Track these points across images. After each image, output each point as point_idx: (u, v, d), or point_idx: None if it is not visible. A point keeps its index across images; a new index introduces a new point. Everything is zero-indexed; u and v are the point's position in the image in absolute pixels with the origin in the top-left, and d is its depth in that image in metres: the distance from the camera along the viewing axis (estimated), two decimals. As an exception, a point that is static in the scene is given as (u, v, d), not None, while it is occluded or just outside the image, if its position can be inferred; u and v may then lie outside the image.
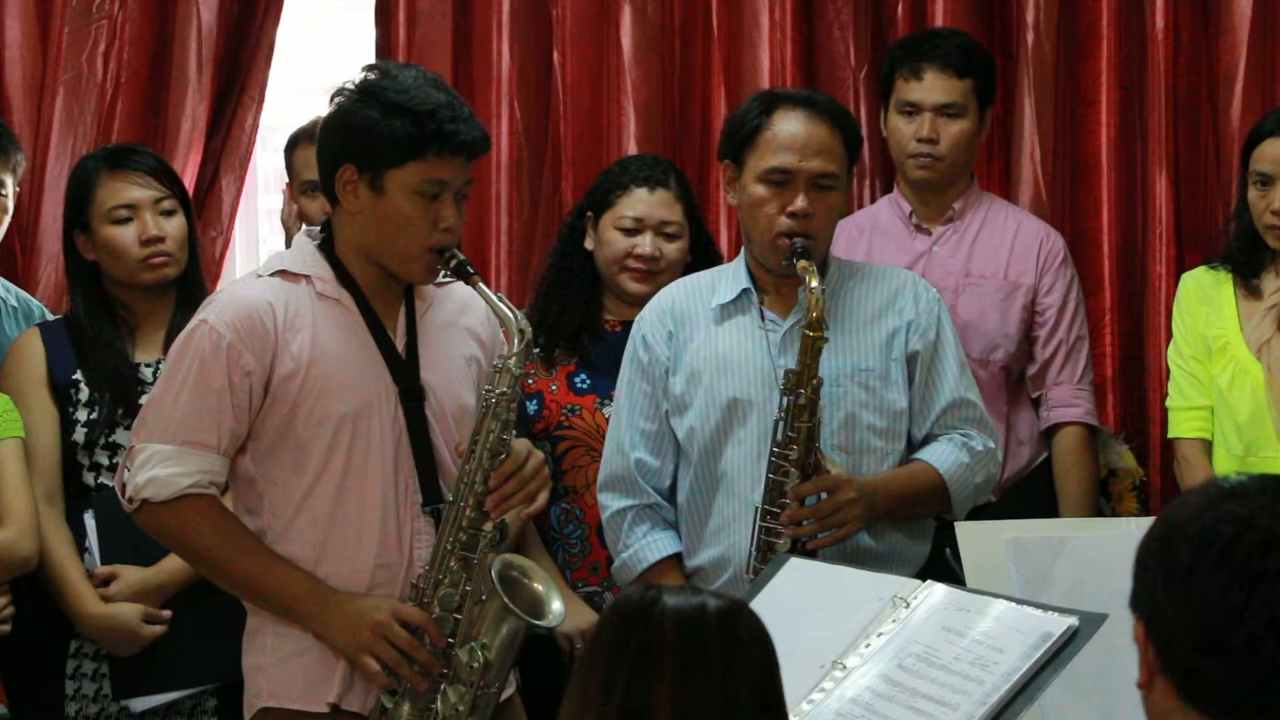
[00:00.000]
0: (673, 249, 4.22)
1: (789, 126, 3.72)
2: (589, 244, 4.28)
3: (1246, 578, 1.94)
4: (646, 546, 3.79)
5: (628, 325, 4.15)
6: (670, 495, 3.84)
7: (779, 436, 3.60)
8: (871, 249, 4.37)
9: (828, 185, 3.71)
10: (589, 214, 4.29)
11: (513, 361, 3.34)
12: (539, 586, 3.37)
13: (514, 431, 3.38)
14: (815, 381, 3.58)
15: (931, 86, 4.31)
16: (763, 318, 3.78)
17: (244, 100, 4.85)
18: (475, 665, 3.28)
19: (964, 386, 3.82)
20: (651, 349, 3.82)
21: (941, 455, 3.77)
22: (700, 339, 3.80)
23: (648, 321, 3.86)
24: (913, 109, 4.33)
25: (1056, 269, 4.41)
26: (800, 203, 3.67)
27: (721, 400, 3.75)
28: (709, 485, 3.77)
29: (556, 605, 3.38)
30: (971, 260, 4.39)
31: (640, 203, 4.22)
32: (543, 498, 3.52)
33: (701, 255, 4.26)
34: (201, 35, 4.81)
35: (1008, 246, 4.41)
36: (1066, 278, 4.42)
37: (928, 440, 3.81)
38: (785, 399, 3.59)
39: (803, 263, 3.62)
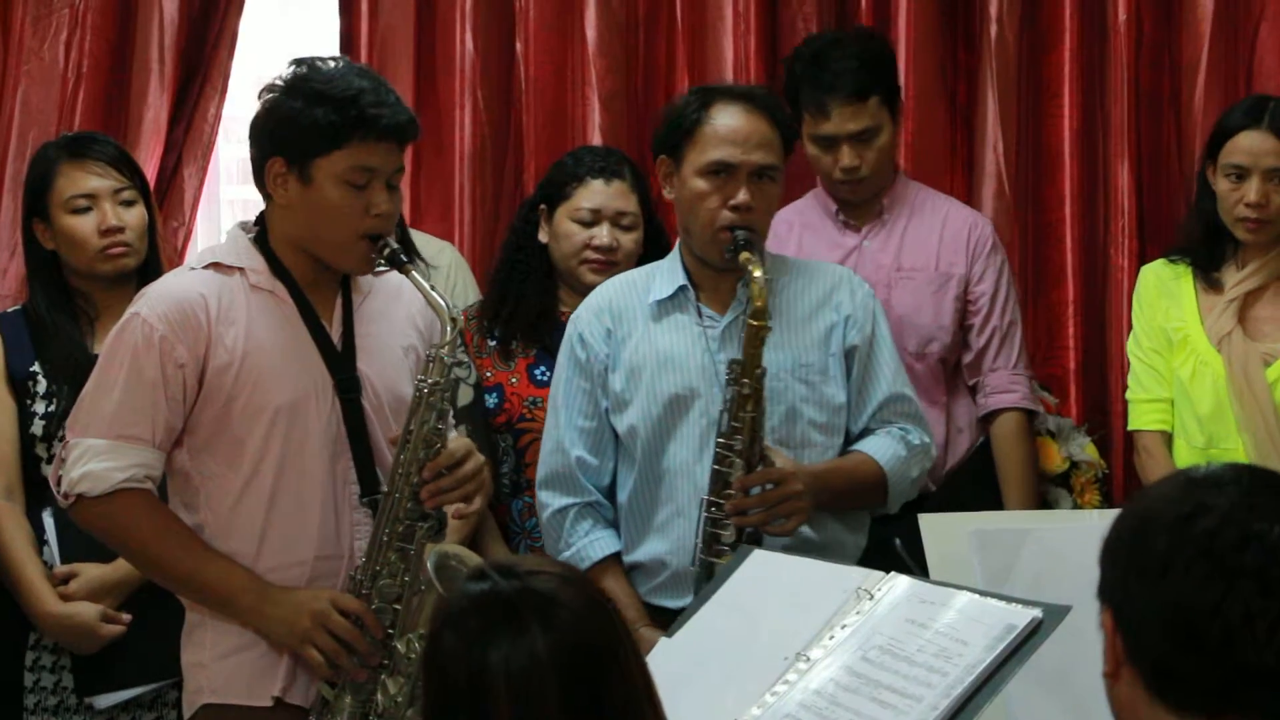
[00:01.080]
0: (629, 239, 4.23)
1: (729, 120, 3.72)
2: (543, 236, 4.28)
3: (1224, 572, 1.92)
4: (589, 545, 3.79)
5: None
6: (609, 493, 3.84)
7: (723, 427, 3.61)
8: (802, 245, 4.35)
9: (768, 177, 3.72)
10: (542, 207, 4.28)
11: (445, 351, 3.33)
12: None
13: (451, 422, 3.38)
14: (759, 371, 3.59)
15: (841, 120, 4.22)
16: (700, 314, 3.78)
17: (206, 91, 4.83)
18: (413, 656, 3.27)
19: (900, 382, 3.85)
20: (589, 346, 3.82)
21: (881, 448, 3.79)
22: (639, 335, 3.80)
23: (584, 319, 3.86)
24: (828, 143, 4.26)
25: (986, 256, 4.39)
26: (743, 196, 3.67)
27: (663, 397, 3.75)
28: (652, 482, 3.77)
29: None
30: (902, 253, 4.36)
31: (597, 194, 4.22)
32: (479, 500, 3.52)
33: (653, 246, 4.26)
34: (164, 25, 4.79)
35: (936, 237, 4.38)
36: (997, 264, 4.40)
37: (864, 434, 3.82)
38: (730, 389, 3.60)
39: (745, 254, 3.62)
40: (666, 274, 3.83)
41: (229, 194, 5.28)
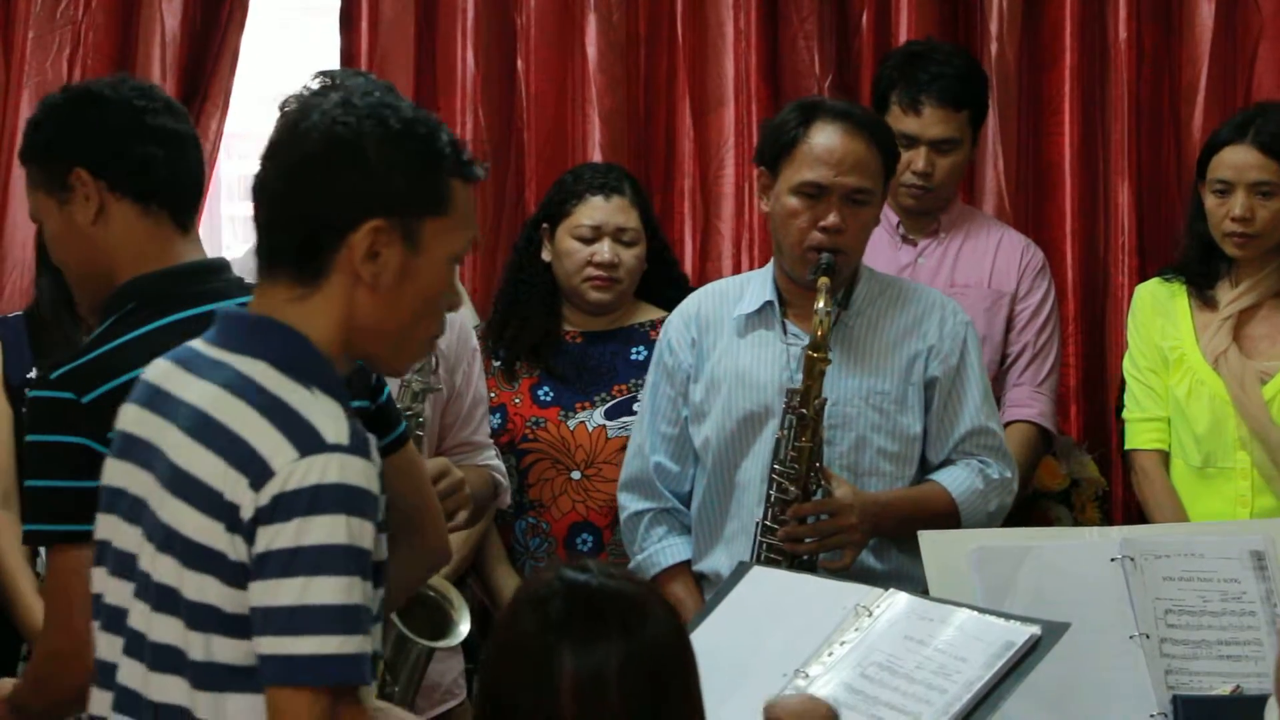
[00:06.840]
0: (630, 256, 4.22)
1: (826, 140, 3.68)
2: (546, 255, 4.28)
3: None
4: (660, 551, 3.80)
5: (588, 336, 4.21)
6: (689, 500, 3.84)
7: (781, 454, 3.60)
8: None
9: (862, 201, 3.69)
10: (544, 225, 4.28)
11: (414, 378, 3.33)
12: (447, 602, 3.38)
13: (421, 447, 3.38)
14: (818, 401, 3.57)
15: (930, 121, 4.25)
16: (785, 331, 3.77)
17: (207, 108, 4.83)
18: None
19: (985, 414, 3.80)
20: (676, 354, 3.83)
21: (956, 479, 3.75)
22: (722, 348, 3.80)
23: (674, 326, 3.87)
24: (908, 142, 4.25)
25: (1034, 278, 4.40)
26: (833, 218, 3.65)
27: (738, 412, 3.74)
28: (722, 495, 3.77)
29: (463, 626, 3.46)
30: (956, 271, 4.38)
31: (597, 210, 4.21)
32: (461, 516, 3.52)
33: (657, 262, 4.26)
34: (165, 42, 4.79)
35: (990, 257, 4.40)
36: (1043, 288, 4.42)
37: (944, 464, 3.79)
38: (788, 416, 3.59)
39: (823, 279, 3.60)
40: (757, 287, 3.82)
41: (229, 210, 5.29)
